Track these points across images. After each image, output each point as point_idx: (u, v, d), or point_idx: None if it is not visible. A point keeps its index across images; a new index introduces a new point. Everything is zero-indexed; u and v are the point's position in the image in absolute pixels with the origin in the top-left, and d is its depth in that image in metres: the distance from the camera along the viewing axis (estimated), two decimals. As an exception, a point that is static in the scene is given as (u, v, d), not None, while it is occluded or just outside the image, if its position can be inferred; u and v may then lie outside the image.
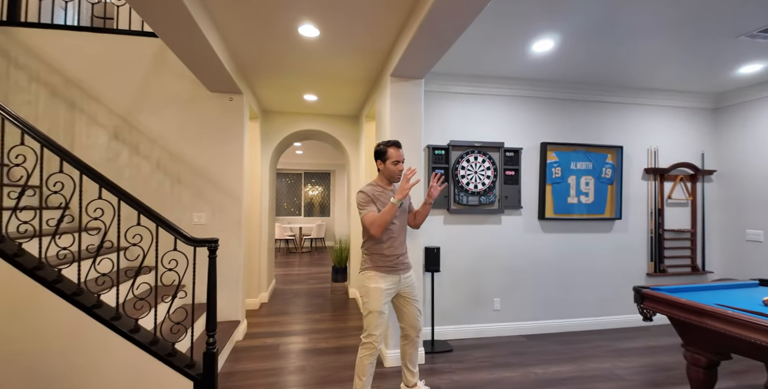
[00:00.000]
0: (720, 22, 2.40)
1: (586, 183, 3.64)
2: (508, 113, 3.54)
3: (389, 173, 2.13)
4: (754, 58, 2.93)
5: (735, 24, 2.40)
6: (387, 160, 2.12)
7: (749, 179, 3.71)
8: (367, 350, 2.02)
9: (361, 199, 2.07)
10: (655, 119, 3.87)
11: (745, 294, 2.31)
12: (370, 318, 2.03)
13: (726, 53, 2.86)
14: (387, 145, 2.13)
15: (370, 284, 2.06)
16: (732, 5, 2.20)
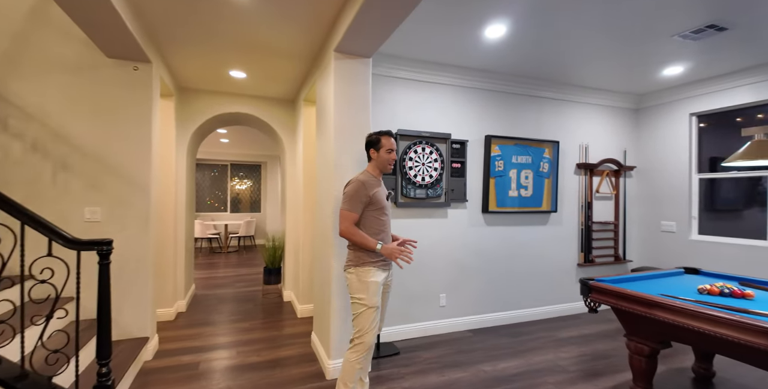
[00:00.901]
0: (654, 22, 2.48)
1: (526, 177, 3.69)
2: (456, 104, 3.42)
3: (383, 161, 2.08)
4: (678, 60, 3.15)
5: (669, 24, 2.50)
6: (381, 148, 2.07)
7: (663, 175, 4.08)
8: (359, 352, 1.87)
9: (355, 189, 1.97)
10: (586, 116, 4.05)
11: (677, 282, 2.43)
12: (367, 314, 1.89)
13: (656, 54, 3.02)
14: (379, 134, 2.09)
15: (369, 278, 1.94)
16: (666, 6, 2.27)
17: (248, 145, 8.22)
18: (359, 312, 1.91)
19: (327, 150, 2.64)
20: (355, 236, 1.94)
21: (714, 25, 2.44)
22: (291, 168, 4.27)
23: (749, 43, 2.77)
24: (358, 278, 1.95)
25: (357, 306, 1.93)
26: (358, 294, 1.93)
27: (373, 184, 2.04)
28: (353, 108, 2.55)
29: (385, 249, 1.93)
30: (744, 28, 2.52)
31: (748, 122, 3.56)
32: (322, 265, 2.73)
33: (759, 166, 3.39)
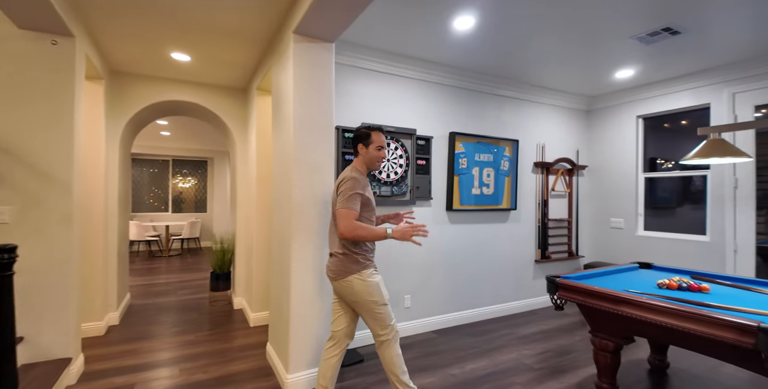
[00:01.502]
0: (613, 24, 2.54)
1: (488, 175, 3.68)
2: (421, 99, 3.31)
3: (371, 158, 2.00)
4: (631, 63, 3.28)
5: (628, 26, 2.57)
6: (371, 145, 1.99)
7: (612, 174, 4.29)
8: (396, 341, 1.91)
9: (353, 186, 1.85)
10: (543, 116, 4.15)
11: (635, 277, 2.50)
12: (386, 311, 1.91)
13: (611, 56, 3.12)
14: (370, 129, 2.00)
15: (374, 279, 1.90)
16: (627, 8, 2.32)
17: (193, 139, 7.59)
18: (378, 313, 1.89)
19: (285, 144, 2.40)
20: (360, 229, 1.80)
21: (669, 29, 2.55)
22: (242, 164, 3.93)
23: (695, 49, 2.94)
24: (363, 282, 1.87)
25: (375, 307, 1.88)
26: (371, 297, 1.88)
27: (365, 183, 1.94)
28: (316, 98, 2.34)
29: (396, 232, 1.81)
30: (694, 33, 2.65)
31: (683, 123, 3.83)
32: (279, 268, 2.49)
33: (697, 165, 3.65)
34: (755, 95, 3.20)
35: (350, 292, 1.89)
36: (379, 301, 1.88)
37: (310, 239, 2.30)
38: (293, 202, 2.25)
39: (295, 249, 2.26)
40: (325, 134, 2.36)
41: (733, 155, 2.04)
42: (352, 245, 1.90)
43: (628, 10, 2.37)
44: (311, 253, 2.31)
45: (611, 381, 2.21)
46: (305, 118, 2.30)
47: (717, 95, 3.43)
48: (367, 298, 1.87)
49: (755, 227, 3.20)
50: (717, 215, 3.43)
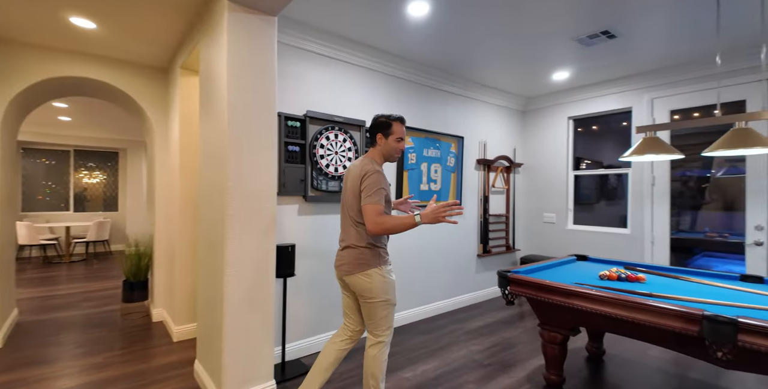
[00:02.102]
0: (555, 25, 2.60)
1: (435, 171, 3.65)
2: (370, 89, 3.14)
3: (390, 149, 1.92)
4: (567, 65, 3.44)
5: (569, 27, 2.65)
6: (390, 135, 1.90)
7: (544, 172, 4.52)
8: (387, 346, 1.86)
9: (378, 181, 1.76)
10: (485, 114, 4.23)
11: (576, 269, 2.59)
12: (392, 312, 1.88)
13: (549, 58, 3.24)
14: (390, 118, 1.90)
15: (393, 277, 1.87)
16: (568, 9, 2.38)
17: (100, 126, 6.57)
18: (386, 313, 1.84)
19: (217, 133, 2.07)
20: (389, 223, 1.71)
21: (607, 32, 2.68)
22: (163, 156, 3.42)
23: (624, 54, 3.16)
24: (380, 278, 1.81)
25: (386, 306, 1.83)
26: (385, 294, 1.82)
27: (385, 176, 1.84)
28: (255, 79, 2.04)
29: (426, 216, 1.71)
30: (627, 38, 2.83)
31: (607, 126, 4.16)
32: (210, 273, 2.16)
33: (619, 164, 3.98)
34: (671, 101, 3.55)
35: (366, 288, 1.81)
36: (392, 300, 1.85)
37: (248, 238, 2.02)
38: (227, 198, 1.94)
39: (230, 250, 1.96)
40: (265, 122, 2.08)
41: (667, 152, 2.18)
42: (373, 237, 1.84)
43: (573, 11, 2.43)
44: (249, 254, 2.02)
45: (559, 371, 2.26)
46: (242, 102, 2.00)
47: (638, 100, 3.76)
48: (381, 295, 1.82)
49: (669, 220, 3.56)
50: (637, 210, 3.76)
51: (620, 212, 4.03)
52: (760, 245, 3.06)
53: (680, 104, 3.50)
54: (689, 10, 2.39)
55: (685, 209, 3.81)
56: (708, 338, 1.51)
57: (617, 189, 4.54)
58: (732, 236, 4.31)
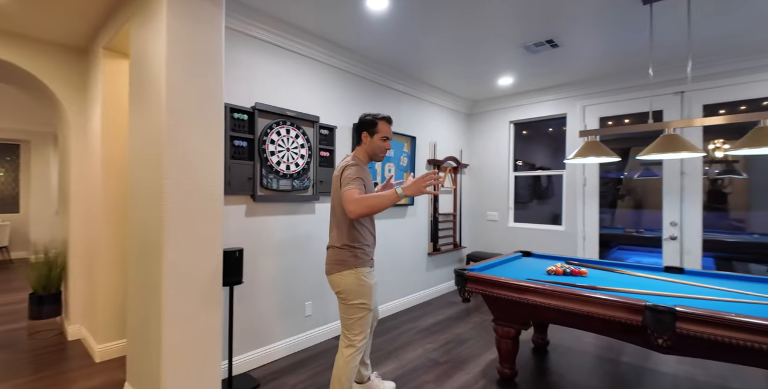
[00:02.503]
0: (504, 32, 2.71)
1: (389, 170, 3.62)
2: (324, 84, 3.01)
3: (375, 148, 1.93)
4: (512, 71, 3.61)
5: (517, 35, 2.77)
6: (376, 134, 1.91)
7: (487, 173, 4.73)
8: (358, 352, 1.83)
9: (356, 172, 1.77)
10: (435, 115, 4.30)
11: (524, 265, 2.71)
12: (367, 318, 1.85)
13: (498, 63, 3.37)
14: (377, 117, 1.92)
15: (370, 280, 1.86)
16: (519, 17, 2.48)
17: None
18: (360, 316, 1.83)
19: (153, 124, 1.82)
20: (368, 200, 1.65)
21: (552, 40, 2.84)
22: (80, 149, 2.96)
23: (565, 63, 3.39)
24: (356, 281, 1.82)
25: (358, 310, 1.83)
26: (360, 298, 1.82)
27: (367, 172, 1.88)
28: (199, 65, 1.83)
29: (408, 189, 1.66)
30: (569, 48, 3.03)
31: (543, 131, 4.47)
32: (143, 281, 1.90)
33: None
34: (600, 109, 3.89)
35: (341, 288, 1.83)
36: (366, 304, 1.84)
37: (191, 243, 1.80)
38: (166, 197, 1.72)
39: (169, 257, 1.73)
40: (210, 113, 1.87)
41: (606, 155, 2.36)
42: (351, 239, 1.84)
43: (523, 19, 2.54)
44: (192, 260, 1.81)
45: (512, 365, 2.35)
46: (184, 90, 1.78)
47: (572, 107, 4.07)
48: (355, 298, 1.82)
49: (599, 218, 3.91)
50: (570, 209, 4.08)
51: (551, 210, 4.36)
52: (675, 239, 3.47)
53: (608, 111, 3.85)
54: (624, 27, 2.61)
55: (610, 208, 4.23)
56: (650, 326, 1.65)
57: (548, 189, 4.91)
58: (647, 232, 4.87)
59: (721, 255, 3.61)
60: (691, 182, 3.42)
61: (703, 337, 1.53)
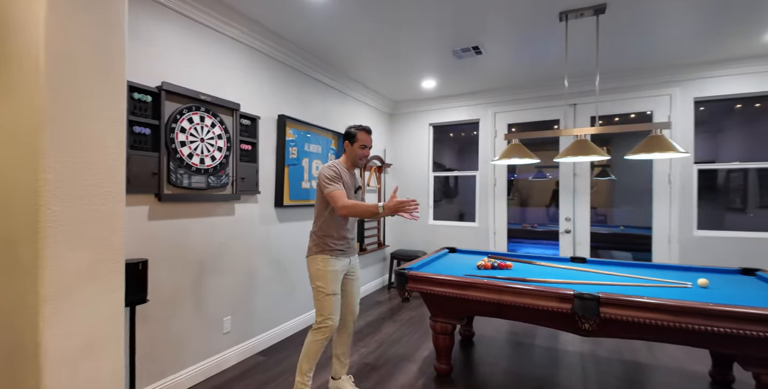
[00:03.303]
0: (437, 33, 2.76)
1: (316, 167, 3.41)
2: (247, 69, 2.67)
3: (354, 155, 2.14)
4: (438, 73, 3.72)
5: (446, 39, 2.85)
6: (355, 143, 2.12)
7: (408, 173, 4.83)
8: (322, 333, 1.98)
9: (330, 173, 2.00)
10: (361, 113, 4.22)
11: (455, 261, 2.80)
12: (328, 301, 1.99)
13: (425, 65, 3.43)
14: (358, 129, 2.12)
15: (327, 267, 2.01)
16: (452, 21, 2.56)
17: None
18: (319, 299, 2.00)
19: (23, 101, 1.35)
20: (356, 207, 1.92)
21: (477, 47, 2.98)
22: None
23: (484, 70, 3.61)
24: (315, 265, 2.02)
25: (317, 292, 2.01)
26: (317, 281, 2.01)
27: (343, 170, 2.09)
28: (91, 29, 1.41)
29: (388, 208, 1.85)
30: (491, 56, 3.22)
31: (458, 134, 4.74)
32: (10, 313, 1.40)
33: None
34: (508, 116, 4.27)
35: (308, 271, 2.06)
36: (324, 290, 1.99)
37: (80, 256, 1.38)
38: (45, 201, 1.29)
39: (50, 276, 1.30)
40: (107, 91, 1.47)
41: (528, 156, 2.56)
42: (320, 229, 2.06)
43: (452, 24, 2.60)
44: (82, 278, 1.39)
45: (448, 360, 2.38)
46: (71, 59, 1.36)
47: (484, 113, 4.39)
48: (315, 281, 2.02)
49: (507, 214, 4.28)
50: (483, 206, 4.39)
51: (457, 208, 4.74)
52: (569, 232, 3.98)
53: (516, 119, 4.25)
54: (542, 41, 2.87)
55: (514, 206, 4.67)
56: (578, 313, 1.81)
57: (455, 189, 5.26)
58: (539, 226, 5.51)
59: (596, 245, 4.25)
60: (582, 182, 3.97)
61: (622, 319, 1.73)
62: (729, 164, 3.56)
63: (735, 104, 3.69)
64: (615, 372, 2.46)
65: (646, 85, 3.66)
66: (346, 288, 2.15)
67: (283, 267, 3.05)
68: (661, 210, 3.66)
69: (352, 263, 2.16)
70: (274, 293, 2.95)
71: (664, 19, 2.55)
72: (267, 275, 2.87)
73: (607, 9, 2.39)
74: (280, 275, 3.01)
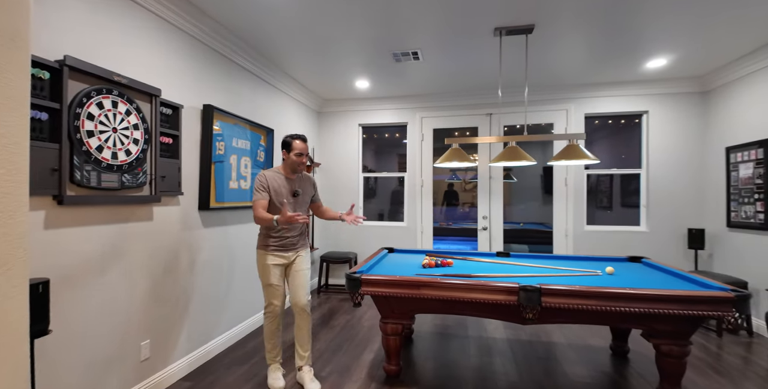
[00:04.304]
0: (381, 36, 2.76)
1: (245, 165, 3.11)
2: (171, 51, 2.30)
3: (291, 163, 2.26)
4: (374, 75, 3.71)
5: (391, 42, 2.87)
6: (291, 151, 2.24)
7: (338, 172, 4.74)
8: (268, 318, 2.30)
9: (257, 183, 2.21)
10: (291, 109, 3.99)
11: (398, 261, 2.83)
12: (266, 290, 2.27)
13: (363, 64, 3.40)
14: (293, 137, 2.25)
15: (263, 261, 2.25)
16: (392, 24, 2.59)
17: None
18: (264, 289, 2.27)
19: None
20: (260, 219, 2.11)
21: (416, 53, 3.06)
22: None
23: (417, 75, 3.72)
24: (257, 259, 2.29)
25: (261, 283, 2.28)
26: (258, 272, 2.28)
27: (274, 177, 2.24)
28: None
29: (280, 221, 2.03)
30: (426, 63, 3.33)
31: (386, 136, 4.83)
32: None
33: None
34: (433, 121, 4.49)
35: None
36: (262, 280, 2.27)
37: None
38: None
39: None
40: (10, 63, 1.12)
41: (466, 160, 2.72)
42: (264, 227, 2.26)
43: (396, 28, 2.63)
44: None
45: (398, 360, 2.39)
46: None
47: (412, 117, 4.54)
48: (258, 272, 2.33)
49: (432, 213, 4.49)
50: (411, 207, 4.53)
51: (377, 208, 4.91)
52: (485, 229, 4.35)
53: (440, 124, 4.49)
54: (472, 53, 3.07)
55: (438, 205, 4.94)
56: (523, 303, 1.98)
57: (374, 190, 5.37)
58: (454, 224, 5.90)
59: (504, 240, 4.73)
60: (496, 184, 4.37)
61: (559, 307, 1.95)
62: (610, 170, 4.28)
63: (608, 119, 4.48)
64: (537, 352, 2.76)
65: (548, 100, 4.21)
66: (290, 281, 2.32)
67: (210, 278, 2.70)
68: (560, 209, 4.24)
69: (294, 258, 2.31)
70: (200, 308, 2.60)
71: (564, 45, 2.95)
72: (190, 286, 2.51)
73: (534, 29, 2.66)
74: (207, 288, 2.67)
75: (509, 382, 2.33)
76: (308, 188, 2.42)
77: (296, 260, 2.31)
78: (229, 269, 2.94)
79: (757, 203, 3.11)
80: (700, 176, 3.88)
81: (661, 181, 3.96)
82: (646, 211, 4.04)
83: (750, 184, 3.20)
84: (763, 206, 3.05)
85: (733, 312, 1.77)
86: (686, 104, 3.91)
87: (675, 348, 1.98)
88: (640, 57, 3.21)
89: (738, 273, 3.36)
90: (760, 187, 3.08)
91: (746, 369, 2.50)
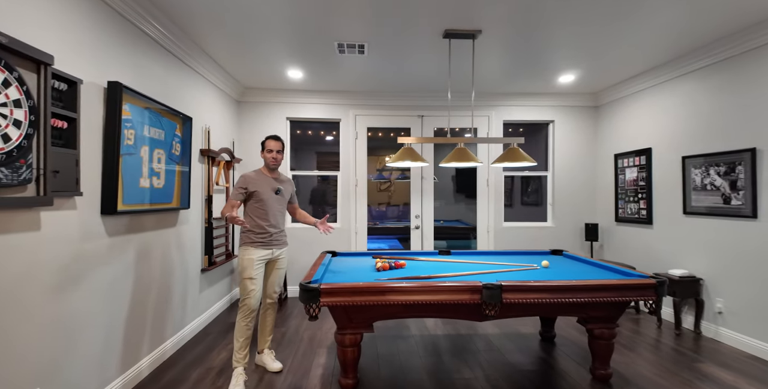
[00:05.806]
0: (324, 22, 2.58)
1: (159, 159, 2.59)
2: (70, 12, 1.76)
3: (265, 160, 2.48)
4: (309, 65, 3.44)
5: (338, 31, 2.69)
6: (264, 149, 2.47)
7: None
8: (242, 313, 2.33)
9: (237, 183, 2.43)
10: (208, 95, 3.49)
11: (346, 265, 2.68)
12: (244, 284, 2.35)
13: (300, 53, 3.13)
14: (267, 137, 2.48)
15: (245, 256, 2.38)
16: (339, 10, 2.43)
17: None
18: (242, 283, 2.36)
19: None
20: (224, 209, 2.32)
21: (363, 46, 2.92)
22: None
23: (357, 71, 3.57)
24: (240, 254, 2.41)
25: (240, 277, 2.38)
26: (239, 267, 2.39)
27: (253, 178, 2.44)
28: None
29: (228, 218, 2.14)
30: (369, 58, 3.21)
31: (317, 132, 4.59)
32: None
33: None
34: (367, 120, 4.40)
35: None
36: (242, 274, 2.36)
37: None
38: None
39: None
40: None
41: (419, 160, 2.69)
42: (249, 227, 2.39)
43: (346, 18, 2.47)
44: None
45: (355, 373, 2.24)
46: None
47: (345, 114, 4.38)
48: (239, 266, 2.41)
49: (366, 213, 4.40)
50: (345, 207, 4.37)
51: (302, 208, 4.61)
52: (418, 228, 4.42)
53: (374, 123, 4.42)
54: (418, 53, 3.06)
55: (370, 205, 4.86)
56: (486, 301, 2.01)
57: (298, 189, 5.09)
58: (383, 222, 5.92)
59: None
60: (428, 184, 4.48)
61: (518, 302, 2.03)
62: (523, 172, 4.73)
63: (519, 127, 4.97)
64: (479, 345, 2.88)
65: (474, 106, 4.46)
66: (267, 276, 2.49)
67: (114, 298, 2.17)
68: (482, 207, 4.53)
69: (276, 254, 2.49)
70: (109, 338, 2.06)
71: (487, 55, 3.15)
72: (92, 312, 1.97)
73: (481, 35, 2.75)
74: (111, 309, 2.13)
75: (465, 379, 2.36)
76: (289, 188, 2.63)
77: (279, 259, 2.52)
78: (138, 283, 2.41)
79: (639, 201, 3.75)
80: (594, 178, 4.53)
81: (563, 182, 4.52)
82: (552, 209, 4.58)
83: (634, 185, 3.84)
84: (645, 204, 3.69)
85: (655, 296, 2.06)
86: (583, 116, 4.53)
87: (606, 331, 2.23)
88: (554, 71, 3.59)
89: (626, 260, 4.01)
90: (642, 188, 3.72)
91: (642, 341, 2.98)
